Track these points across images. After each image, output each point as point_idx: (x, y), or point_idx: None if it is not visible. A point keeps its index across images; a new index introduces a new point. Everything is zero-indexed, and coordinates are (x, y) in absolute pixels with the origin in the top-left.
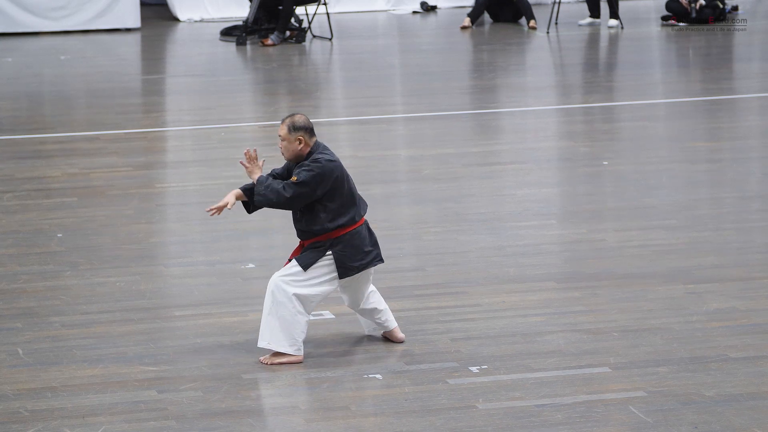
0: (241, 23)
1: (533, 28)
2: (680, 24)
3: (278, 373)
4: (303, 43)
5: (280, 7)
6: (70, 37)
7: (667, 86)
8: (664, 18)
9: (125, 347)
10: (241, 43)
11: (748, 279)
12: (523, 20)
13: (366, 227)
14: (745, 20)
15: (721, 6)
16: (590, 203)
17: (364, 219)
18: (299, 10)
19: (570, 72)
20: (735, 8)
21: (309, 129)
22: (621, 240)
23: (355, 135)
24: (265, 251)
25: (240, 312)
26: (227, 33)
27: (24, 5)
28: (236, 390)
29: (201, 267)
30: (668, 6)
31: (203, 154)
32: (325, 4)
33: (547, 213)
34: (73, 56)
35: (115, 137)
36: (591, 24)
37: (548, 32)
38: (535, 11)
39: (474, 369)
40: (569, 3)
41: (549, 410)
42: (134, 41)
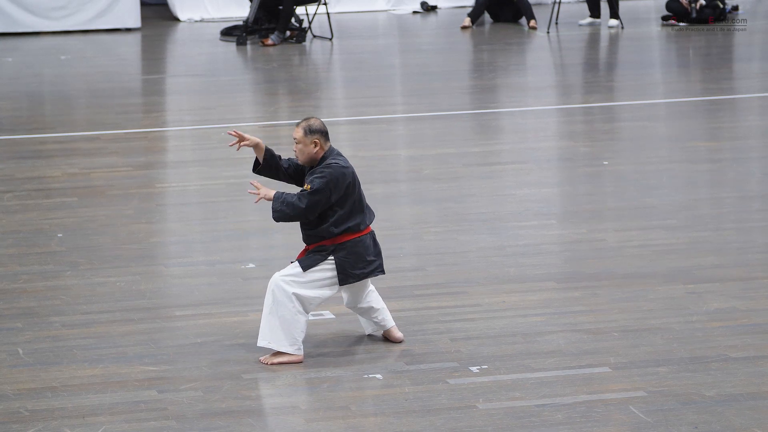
0: (242, 23)
1: (533, 28)
2: (680, 24)
3: (278, 373)
4: (303, 43)
5: (281, 7)
6: (71, 37)
7: (668, 86)
8: (665, 18)
9: (125, 347)
10: (242, 43)
11: (749, 279)
12: (524, 20)
13: (371, 237)
14: (746, 20)
15: (722, 6)
16: (590, 203)
17: (371, 228)
18: (299, 10)
19: (570, 72)
20: (735, 8)
21: (324, 133)
22: (621, 240)
23: (356, 135)
24: (265, 251)
25: (240, 312)
26: (227, 33)
27: (24, 5)
28: (236, 390)
29: (201, 267)
30: (668, 6)
31: (203, 154)
32: (326, 4)
33: (548, 213)
34: (74, 56)
35: (116, 137)
36: (591, 24)
37: (548, 32)
38: (536, 11)
39: (474, 369)
40: (569, 3)
41: (549, 410)
42: (134, 41)
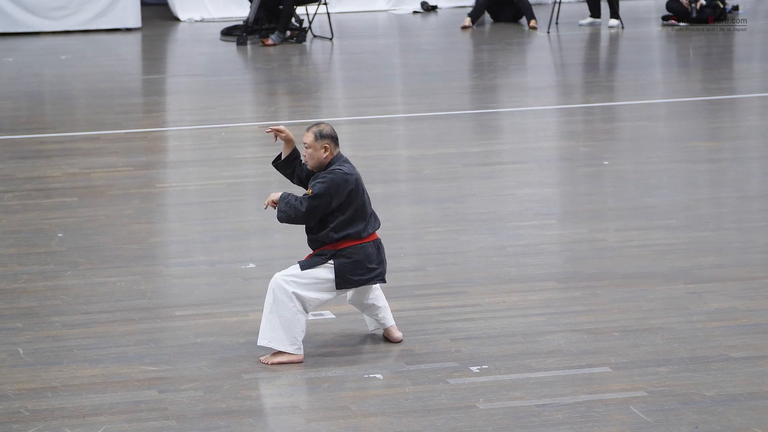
0: (242, 23)
1: (534, 28)
2: (681, 24)
3: (279, 373)
4: (303, 43)
5: (281, 7)
6: (71, 37)
7: (668, 86)
8: (665, 18)
9: (126, 347)
10: (242, 43)
11: (749, 279)
12: (524, 20)
13: (375, 245)
14: (746, 20)
15: (722, 6)
16: (591, 203)
17: (376, 236)
18: (300, 10)
19: (570, 72)
20: (735, 8)
21: (334, 138)
22: (621, 240)
23: (356, 135)
24: (266, 251)
25: (240, 312)
26: (228, 33)
27: (24, 5)
28: (237, 390)
29: (201, 267)
30: (669, 6)
31: (203, 154)
32: (326, 4)
33: (548, 213)
34: (74, 56)
35: (116, 137)
36: (591, 24)
37: (549, 32)
38: (536, 11)
39: (474, 369)
40: (570, 3)
41: (549, 410)
42: (135, 41)
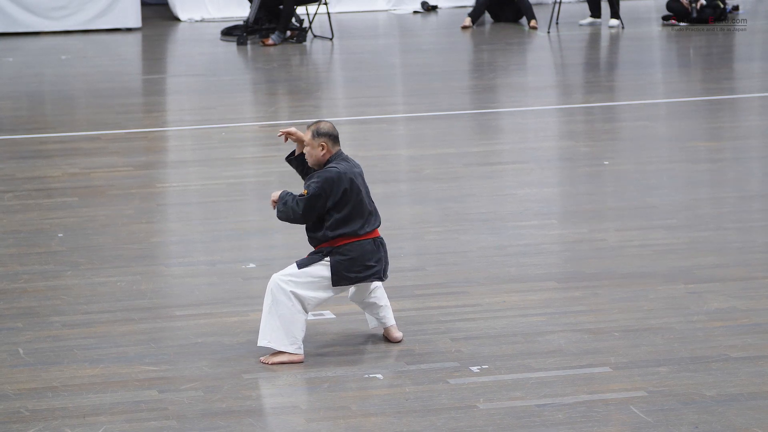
0: (242, 23)
1: (534, 28)
2: (681, 24)
3: (279, 373)
4: (303, 43)
5: (281, 7)
6: (71, 37)
7: (668, 86)
8: (665, 18)
9: (126, 347)
10: (242, 43)
11: (749, 279)
12: (524, 20)
13: (375, 242)
14: (746, 20)
15: (722, 6)
16: (591, 203)
17: (377, 233)
18: (300, 10)
19: (571, 72)
20: (735, 8)
21: (332, 136)
22: (622, 240)
23: (356, 135)
24: (266, 251)
25: (240, 312)
26: (228, 33)
27: (24, 5)
28: (237, 390)
29: (201, 267)
30: (669, 6)
31: (204, 154)
32: (326, 4)
33: (548, 213)
34: (74, 56)
35: (116, 137)
36: (592, 24)
37: (549, 32)
38: (536, 11)
39: (475, 369)
40: (570, 3)
41: (550, 410)
42: (135, 41)
